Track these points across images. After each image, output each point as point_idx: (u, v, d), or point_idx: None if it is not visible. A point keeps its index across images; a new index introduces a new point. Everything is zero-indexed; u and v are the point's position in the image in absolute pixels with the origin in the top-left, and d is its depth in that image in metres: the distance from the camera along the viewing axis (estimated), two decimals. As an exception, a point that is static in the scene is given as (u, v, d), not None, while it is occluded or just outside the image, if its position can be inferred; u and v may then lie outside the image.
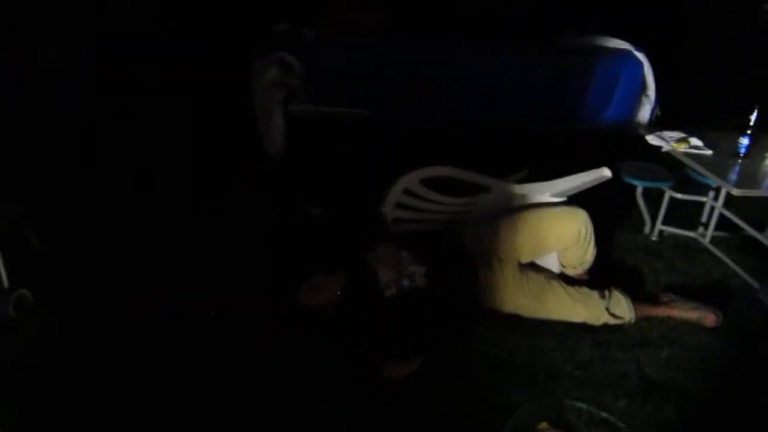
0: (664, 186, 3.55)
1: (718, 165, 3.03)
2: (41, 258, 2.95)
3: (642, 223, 3.73)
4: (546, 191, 2.95)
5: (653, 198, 3.68)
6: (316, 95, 3.75)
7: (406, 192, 2.94)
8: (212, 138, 4.12)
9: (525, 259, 2.87)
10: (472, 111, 4.08)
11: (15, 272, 2.75)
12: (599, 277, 2.98)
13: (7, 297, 2.62)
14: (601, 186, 3.07)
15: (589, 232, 2.82)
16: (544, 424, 2.24)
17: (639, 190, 3.60)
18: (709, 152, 3.11)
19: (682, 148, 3.12)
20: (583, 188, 3.00)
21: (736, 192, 2.87)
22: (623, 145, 4.08)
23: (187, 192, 3.66)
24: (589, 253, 2.89)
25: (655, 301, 2.95)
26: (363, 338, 2.42)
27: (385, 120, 3.64)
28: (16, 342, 2.51)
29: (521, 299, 2.77)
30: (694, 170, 3.15)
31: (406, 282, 2.63)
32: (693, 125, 3.48)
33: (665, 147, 3.16)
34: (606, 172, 3.01)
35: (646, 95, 4.49)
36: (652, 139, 3.21)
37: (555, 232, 2.84)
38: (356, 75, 3.88)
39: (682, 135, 3.20)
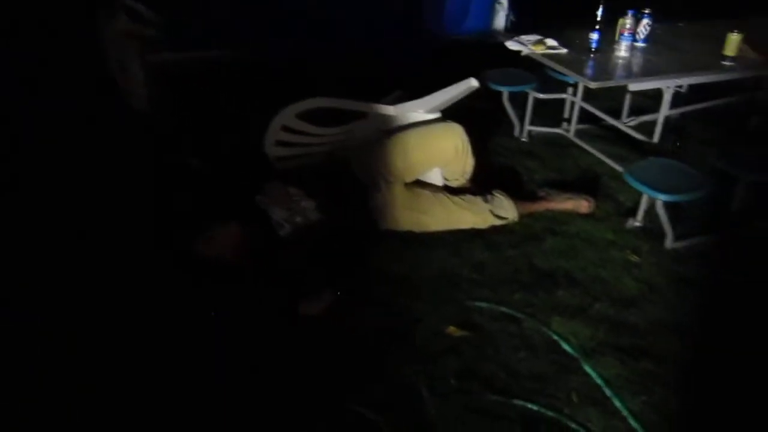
0: (527, 89, 3.72)
1: (574, 62, 3.19)
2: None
3: (511, 127, 3.91)
4: (420, 108, 3.01)
5: (519, 102, 3.85)
6: (174, 42, 3.55)
7: (284, 129, 2.91)
8: (69, 95, 3.82)
9: (410, 178, 2.95)
10: (332, 35, 4.01)
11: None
12: (480, 183, 3.13)
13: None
14: (470, 96, 3.16)
15: (465, 144, 2.93)
16: (452, 328, 2.37)
17: (505, 95, 3.75)
18: (564, 51, 3.27)
19: (539, 50, 3.26)
20: (454, 101, 3.08)
21: (593, 85, 3.06)
22: (484, 54, 4.21)
23: (57, 156, 3.40)
24: (469, 164, 3.01)
25: (533, 198, 3.14)
26: (270, 281, 2.43)
27: (247, 56, 3.52)
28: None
29: (412, 215, 2.86)
30: (553, 69, 3.31)
31: (299, 218, 2.65)
32: (546, 27, 3.64)
33: (524, 51, 3.29)
34: (473, 82, 3.10)
35: (499, 2, 4.62)
36: (511, 45, 3.33)
37: (434, 149, 2.92)
38: (210, 15, 3.71)
39: (538, 37, 3.34)
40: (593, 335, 2.38)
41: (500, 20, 4.65)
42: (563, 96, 3.92)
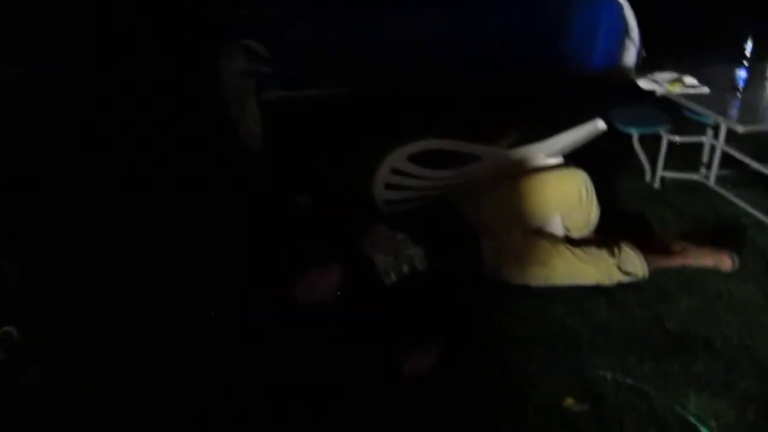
0: (660, 130, 3.40)
1: (718, 102, 2.88)
2: (22, 288, 2.75)
3: (642, 171, 3.59)
4: (540, 152, 2.80)
5: (650, 144, 3.53)
6: (286, 79, 3.54)
7: (394, 171, 2.78)
8: (186, 134, 3.90)
9: (528, 226, 2.73)
10: (452, 70, 3.85)
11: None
12: (605, 233, 2.85)
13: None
14: (596, 138, 2.92)
15: (589, 191, 2.68)
16: (569, 400, 2.11)
17: (635, 138, 3.45)
18: (706, 90, 2.96)
19: (677, 89, 2.96)
20: (578, 144, 2.85)
21: (740, 129, 2.72)
22: (612, 93, 3.93)
23: (170, 190, 3.45)
24: (593, 214, 2.75)
25: (667, 252, 2.82)
26: (372, 335, 2.28)
27: (360, 95, 3.43)
28: (7, 388, 2.33)
29: (529, 268, 2.63)
30: (691, 110, 3.00)
31: (405, 267, 2.49)
32: (683, 64, 3.32)
33: (659, 90, 3.00)
34: (600, 124, 2.86)
35: (629, 37, 4.30)
36: (644, 84, 3.06)
37: (555, 196, 2.69)
38: (324, 52, 3.66)
39: (675, 75, 3.05)
40: (739, 418, 2.04)
41: (630, 56, 4.32)
42: (701, 139, 3.55)
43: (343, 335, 2.34)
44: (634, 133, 3.40)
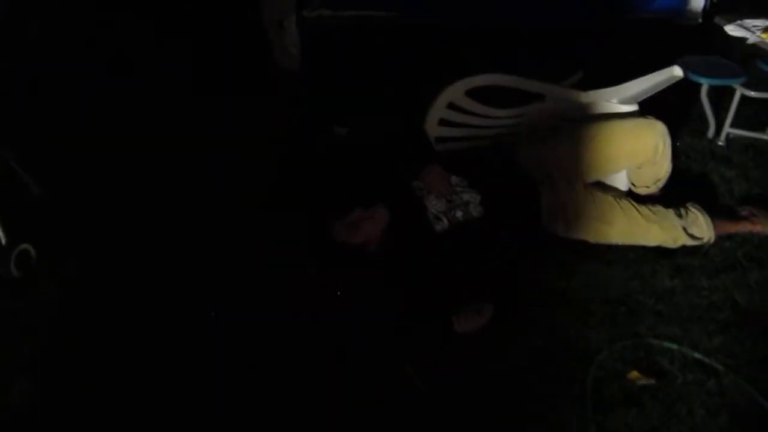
0: (735, 83, 3.11)
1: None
2: (42, 207, 2.58)
3: (705, 126, 3.32)
4: (614, 97, 2.54)
5: (718, 98, 3.25)
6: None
7: (450, 106, 2.54)
8: (217, 54, 3.63)
9: (593, 178, 2.51)
10: (509, 3, 3.53)
11: (14, 225, 2.38)
12: (671, 192, 2.63)
13: (7, 254, 2.27)
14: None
15: (667, 146, 2.45)
16: (634, 373, 1.94)
17: (704, 89, 3.16)
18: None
19: (771, 36, 2.67)
20: (654, 91, 2.59)
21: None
22: (677, 38, 3.62)
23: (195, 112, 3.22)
24: (665, 170, 2.53)
25: (733, 216, 2.60)
26: (420, 287, 2.09)
27: (413, 20, 3.12)
28: (21, 306, 2.19)
29: (591, 223, 2.43)
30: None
31: (459, 213, 2.28)
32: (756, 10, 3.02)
33: (751, 38, 2.71)
34: (677, 71, 2.61)
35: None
36: (732, 30, 2.77)
37: (629, 148, 2.45)
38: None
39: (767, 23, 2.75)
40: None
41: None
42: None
43: (388, 285, 2.15)
44: (704, 84, 3.12)
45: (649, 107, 2.64)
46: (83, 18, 3.61)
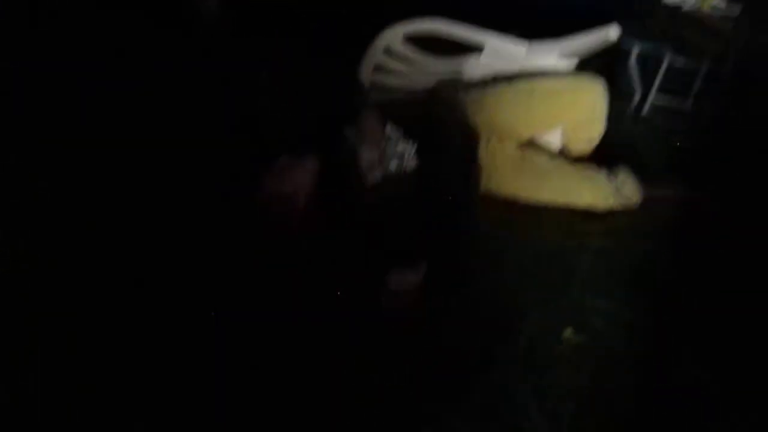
0: (665, 50, 3.12)
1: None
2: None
3: (629, 94, 3.33)
4: (554, 50, 2.47)
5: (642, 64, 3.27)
6: None
7: (387, 52, 2.39)
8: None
9: (527, 135, 2.44)
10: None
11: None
12: (600, 154, 2.61)
13: None
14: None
15: (604, 105, 2.42)
16: (568, 331, 1.90)
17: (633, 54, 3.17)
18: (737, 10, 2.68)
19: (706, 6, 2.66)
20: (590, 51, 2.54)
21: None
22: (610, 2, 3.60)
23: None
24: (599, 130, 2.50)
25: (656, 181, 2.61)
26: (351, 238, 1.96)
27: None
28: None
29: (523, 180, 2.38)
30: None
31: (393, 164, 2.16)
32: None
33: (687, 5, 2.69)
34: (613, 32, 2.55)
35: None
36: (667, -3, 2.74)
37: (566, 105, 2.40)
38: None
39: (702, -11, 2.75)
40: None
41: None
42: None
43: (316, 241, 2.00)
44: (635, 50, 3.12)
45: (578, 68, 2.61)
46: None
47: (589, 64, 2.57)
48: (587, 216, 2.41)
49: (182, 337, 1.86)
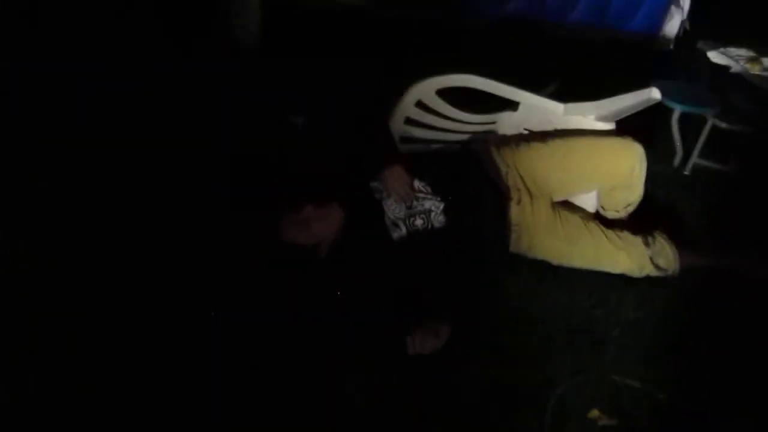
0: (707, 112, 3.03)
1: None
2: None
3: (671, 154, 3.23)
4: (592, 113, 2.39)
5: (687, 125, 3.17)
6: None
7: (419, 104, 2.35)
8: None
9: (560, 197, 2.36)
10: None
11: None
12: (638, 218, 2.50)
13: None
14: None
15: (643, 170, 2.31)
16: (595, 412, 1.79)
17: (675, 115, 3.07)
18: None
19: (755, 70, 2.57)
20: (629, 112, 2.46)
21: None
22: (650, 61, 3.54)
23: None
24: (637, 195, 2.39)
25: (697, 249, 2.49)
26: (370, 298, 1.89)
27: (385, 7, 2.88)
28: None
29: (555, 243, 2.28)
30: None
31: (419, 222, 2.09)
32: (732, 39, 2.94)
33: (734, 67, 2.60)
34: (655, 94, 2.46)
35: (678, 5, 3.89)
36: (714, 57, 2.67)
37: (605, 167, 2.30)
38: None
39: (752, 54, 2.65)
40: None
41: (673, 25, 3.92)
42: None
43: (335, 292, 1.94)
44: (677, 109, 3.02)
45: (618, 128, 2.53)
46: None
47: (630, 122, 2.49)
48: (621, 283, 2.29)
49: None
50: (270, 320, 1.90)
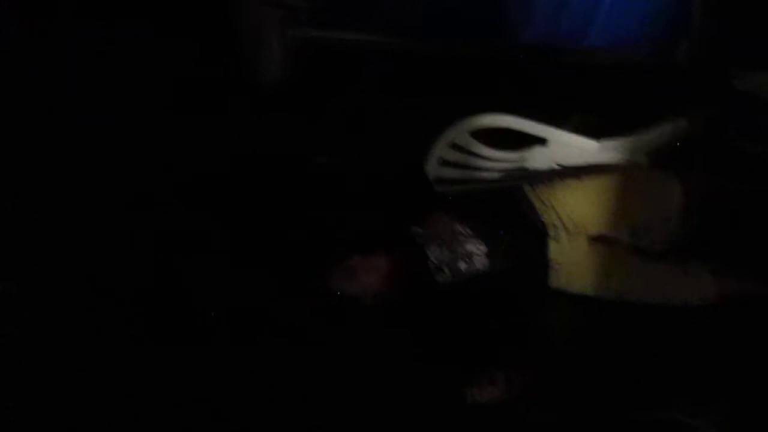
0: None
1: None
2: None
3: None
4: (627, 147, 2.40)
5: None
6: (323, 15, 2.95)
7: (453, 146, 2.36)
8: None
9: (595, 232, 2.35)
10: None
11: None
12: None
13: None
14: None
15: (679, 205, 2.31)
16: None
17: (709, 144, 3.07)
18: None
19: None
20: (662, 145, 2.47)
21: None
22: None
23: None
24: (673, 230, 2.38)
25: (735, 279, 2.48)
26: (425, 350, 1.88)
27: (415, 47, 2.87)
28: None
29: (593, 278, 2.26)
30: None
31: (463, 265, 2.09)
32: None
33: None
34: (686, 125, 2.49)
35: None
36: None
37: (644, 204, 2.31)
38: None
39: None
40: None
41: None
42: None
43: (387, 345, 1.94)
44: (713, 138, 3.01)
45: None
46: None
47: (665, 155, 2.49)
48: (667, 315, 2.28)
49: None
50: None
